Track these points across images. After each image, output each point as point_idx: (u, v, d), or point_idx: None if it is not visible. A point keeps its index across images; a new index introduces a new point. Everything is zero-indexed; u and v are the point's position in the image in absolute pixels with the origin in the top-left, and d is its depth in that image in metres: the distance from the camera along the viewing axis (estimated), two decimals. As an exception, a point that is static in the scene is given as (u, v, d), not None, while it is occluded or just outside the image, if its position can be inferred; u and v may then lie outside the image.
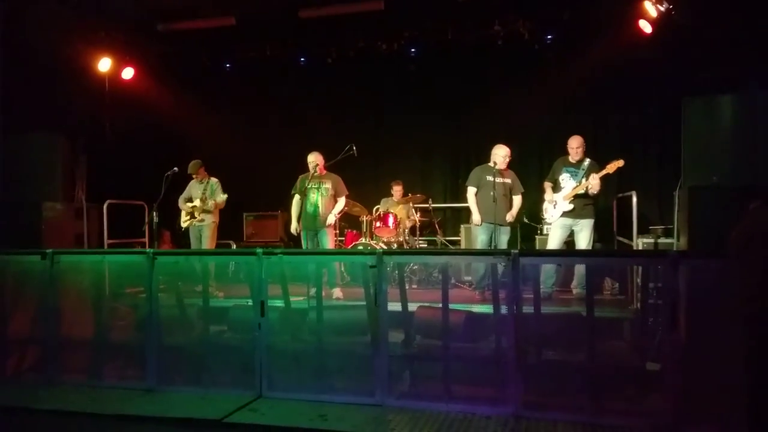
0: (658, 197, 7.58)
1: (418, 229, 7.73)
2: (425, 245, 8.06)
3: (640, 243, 6.11)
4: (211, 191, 6.90)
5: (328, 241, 6.53)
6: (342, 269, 6.95)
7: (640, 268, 4.75)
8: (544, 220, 6.82)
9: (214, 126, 8.96)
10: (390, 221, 7.29)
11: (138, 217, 7.71)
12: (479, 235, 6.34)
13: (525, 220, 7.52)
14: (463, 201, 6.62)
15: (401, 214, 7.49)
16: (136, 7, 7.52)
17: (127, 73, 8.46)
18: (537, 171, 7.93)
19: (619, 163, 5.91)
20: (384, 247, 7.01)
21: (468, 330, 4.63)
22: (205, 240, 6.90)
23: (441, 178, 8.96)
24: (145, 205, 7.71)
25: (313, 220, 6.41)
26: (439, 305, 4.42)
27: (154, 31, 8.14)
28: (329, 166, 6.60)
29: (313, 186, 6.46)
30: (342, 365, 4.42)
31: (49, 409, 4.36)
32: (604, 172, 5.93)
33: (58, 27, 7.38)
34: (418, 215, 7.71)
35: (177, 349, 4.77)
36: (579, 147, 6.14)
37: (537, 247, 7.25)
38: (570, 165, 6.19)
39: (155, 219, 6.51)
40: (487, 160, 6.39)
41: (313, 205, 6.43)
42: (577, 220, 6.08)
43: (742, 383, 3.23)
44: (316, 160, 6.48)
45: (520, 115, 8.11)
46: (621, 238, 6.75)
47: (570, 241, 6.25)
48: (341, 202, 6.63)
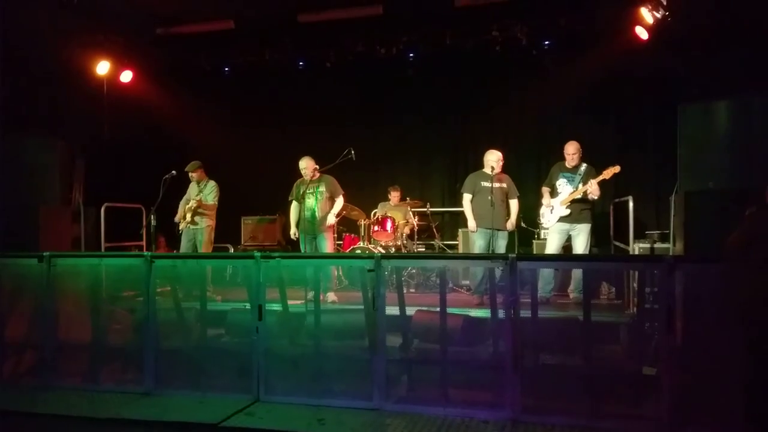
0: (654, 202, 7.62)
1: (416, 233, 7.75)
2: (423, 249, 8.07)
3: (637, 248, 6.13)
4: (204, 193, 6.84)
5: (327, 245, 6.52)
6: (340, 273, 6.95)
7: (637, 273, 4.77)
8: (541, 225, 6.85)
9: (213, 130, 8.96)
10: (388, 225, 7.30)
11: (135, 221, 7.71)
12: (476, 241, 6.35)
13: (522, 224, 7.55)
14: (460, 205, 6.63)
15: (399, 218, 7.50)
16: (136, 10, 7.53)
17: (126, 76, 8.46)
18: (534, 176, 7.96)
19: (616, 168, 5.94)
20: (382, 251, 7.02)
21: (466, 334, 4.64)
22: (200, 244, 6.81)
23: (439, 182, 8.99)
24: (143, 209, 7.71)
25: (310, 225, 6.41)
26: (437, 309, 4.42)
27: (153, 34, 8.17)
28: (327, 170, 6.61)
29: (309, 191, 6.47)
30: (340, 369, 4.42)
31: (46, 413, 4.34)
32: (601, 178, 5.96)
33: (57, 30, 7.39)
34: (416, 219, 7.72)
35: (174, 352, 4.76)
36: (575, 153, 6.17)
37: (534, 252, 7.27)
38: (567, 170, 6.22)
39: (153, 222, 6.51)
40: (483, 165, 6.41)
41: (310, 210, 6.43)
42: (574, 225, 6.10)
43: (738, 387, 3.24)
44: (307, 165, 6.47)
45: (517, 120, 8.15)
46: (617, 243, 6.77)
47: (567, 245, 6.27)
48: (339, 202, 6.62)
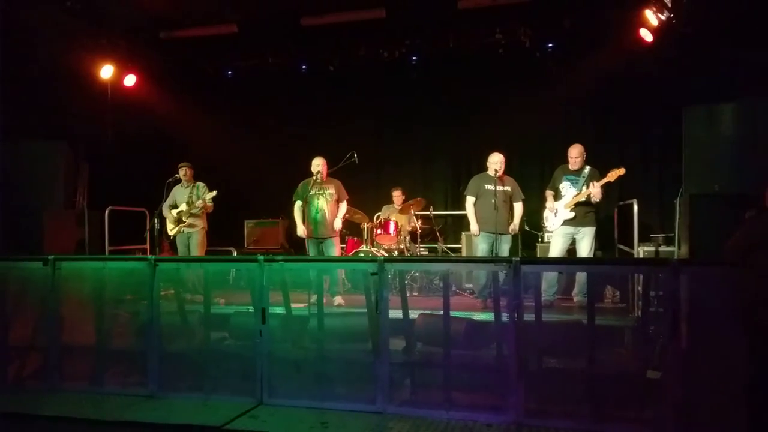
0: (659, 205, 7.60)
1: (419, 236, 7.74)
2: (426, 253, 8.06)
3: (641, 251, 6.11)
4: (198, 194, 6.81)
5: (335, 250, 6.52)
6: (343, 276, 6.95)
7: (641, 276, 4.74)
8: (545, 228, 6.83)
9: (216, 133, 8.99)
10: (391, 228, 7.30)
11: (139, 224, 7.72)
12: (480, 245, 6.34)
13: (526, 228, 7.53)
14: (464, 208, 6.63)
15: (402, 221, 7.49)
16: (139, 14, 7.57)
17: (129, 80, 8.50)
18: (538, 179, 7.95)
19: (620, 171, 5.91)
20: (385, 254, 7.01)
21: (469, 338, 4.62)
22: (194, 247, 6.79)
23: (442, 185, 8.99)
24: (147, 212, 7.73)
25: (318, 227, 6.39)
26: (440, 313, 4.41)
27: (156, 38, 8.20)
28: (330, 173, 6.62)
29: (317, 192, 6.46)
30: (343, 372, 4.41)
31: (50, 416, 4.35)
32: (605, 180, 5.94)
33: (61, 34, 7.43)
34: (419, 222, 7.72)
35: (178, 355, 4.76)
36: (578, 156, 6.15)
37: (538, 255, 7.25)
38: (570, 173, 6.21)
39: (156, 226, 6.52)
40: (487, 167, 6.40)
41: (319, 211, 6.41)
42: (578, 228, 6.08)
43: (742, 391, 3.23)
44: (321, 165, 6.48)
45: (520, 122, 8.14)
46: (622, 246, 6.75)
47: (571, 249, 6.25)
48: (343, 206, 6.63)
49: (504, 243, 6.25)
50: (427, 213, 7.88)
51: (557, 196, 6.24)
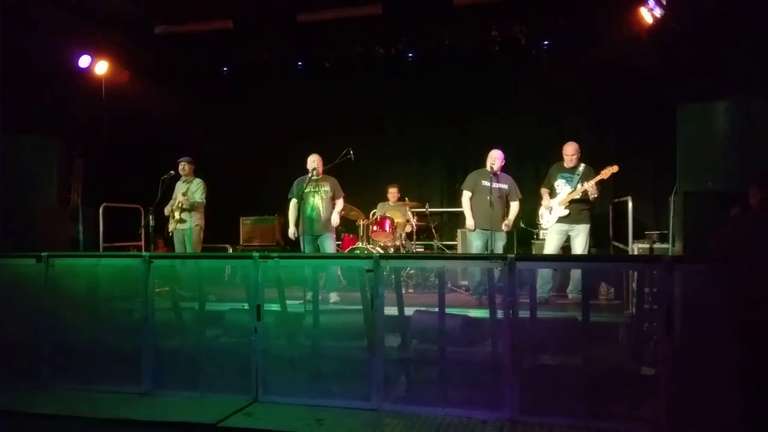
0: (653, 203, 7.61)
1: (414, 233, 7.74)
2: (422, 250, 8.07)
3: (636, 248, 6.12)
4: (192, 192, 6.78)
5: (330, 245, 6.50)
6: (339, 273, 6.94)
7: (636, 273, 4.77)
8: (540, 225, 6.84)
9: (211, 129, 8.96)
10: (387, 225, 7.29)
11: (134, 221, 7.70)
12: (474, 241, 6.34)
13: (522, 225, 7.54)
14: (459, 205, 6.63)
15: (398, 218, 7.49)
16: (134, 10, 7.53)
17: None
18: (533, 176, 7.96)
19: (614, 168, 5.93)
20: (381, 251, 7.01)
21: (464, 334, 4.63)
22: (189, 245, 6.76)
23: (438, 182, 8.98)
24: (142, 209, 7.70)
25: (314, 224, 6.38)
26: (436, 309, 4.42)
27: (151, 34, 8.16)
28: (326, 170, 6.60)
29: (312, 189, 6.44)
30: (338, 369, 4.42)
31: (44, 414, 4.34)
32: (599, 178, 5.96)
33: (55, 30, 7.39)
34: (414, 219, 7.72)
35: (173, 353, 4.75)
36: (573, 154, 6.16)
37: (533, 252, 7.26)
38: (565, 170, 6.22)
39: (151, 223, 6.49)
40: (483, 164, 6.40)
41: (313, 209, 6.40)
42: (573, 226, 6.10)
43: (736, 388, 3.24)
44: (316, 162, 6.46)
45: (516, 119, 8.14)
46: (617, 243, 6.77)
47: (566, 246, 6.27)
48: (340, 203, 6.62)
49: (499, 240, 6.26)
50: (423, 210, 7.88)
51: (552, 194, 6.25)
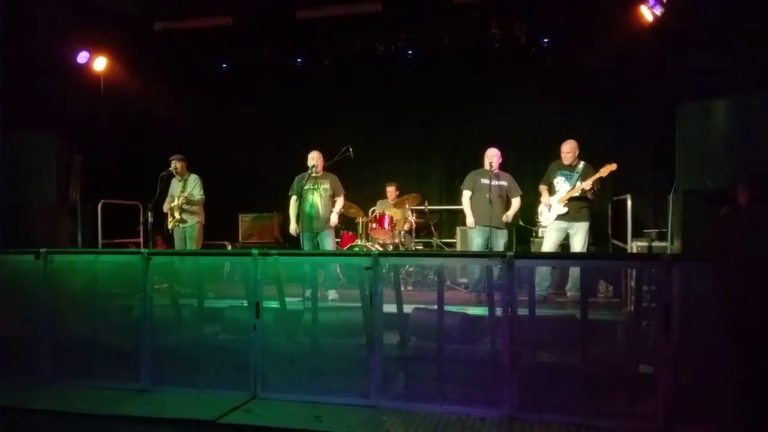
0: (652, 201, 7.61)
1: (414, 230, 7.74)
2: (421, 247, 8.07)
3: (635, 246, 6.13)
4: (189, 189, 6.75)
5: (329, 243, 6.50)
6: (338, 271, 6.95)
7: (634, 271, 4.77)
8: (539, 223, 6.85)
9: (210, 126, 8.95)
10: (386, 222, 7.29)
11: (133, 217, 7.69)
12: (474, 239, 6.35)
13: (521, 222, 7.55)
14: (459, 203, 6.63)
15: (397, 215, 7.49)
16: (133, 6, 7.51)
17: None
18: (532, 174, 7.93)
19: (612, 166, 5.93)
20: (380, 248, 7.01)
21: (463, 332, 4.64)
22: (190, 242, 6.74)
23: (437, 180, 8.97)
24: (140, 205, 7.69)
25: (313, 222, 6.37)
26: (435, 307, 4.42)
27: (151, 30, 8.14)
28: (325, 167, 6.60)
29: (311, 187, 6.43)
30: (337, 366, 4.42)
31: (42, 410, 4.34)
32: (597, 176, 5.95)
33: (54, 26, 7.37)
34: (414, 217, 7.72)
35: (171, 349, 4.76)
36: (570, 152, 6.16)
37: (532, 250, 7.27)
38: (564, 168, 6.22)
39: (150, 219, 6.48)
40: (482, 162, 6.40)
41: (312, 206, 6.40)
42: (572, 223, 6.10)
43: (732, 386, 3.25)
44: (316, 159, 6.45)
45: (515, 117, 8.13)
46: (615, 241, 6.78)
47: (565, 243, 6.27)
48: (340, 201, 6.62)
49: (499, 238, 6.26)
50: (422, 208, 7.88)
51: (551, 191, 6.25)
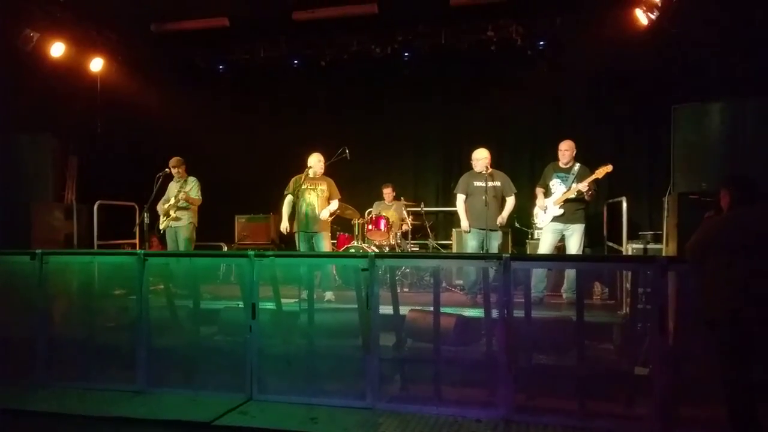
0: (647, 203, 7.65)
1: (410, 232, 7.75)
2: (417, 249, 8.08)
3: (630, 248, 6.16)
4: (188, 190, 6.74)
5: (325, 244, 6.50)
6: (334, 272, 6.95)
7: (630, 274, 4.78)
8: (535, 224, 6.86)
9: (206, 127, 8.93)
10: (382, 224, 7.29)
11: (129, 218, 7.67)
12: (469, 241, 6.36)
13: (516, 224, 7.56)
14: (455, 205, 6.64)
15: (393, 217, 7.50)
16: (130, 7, 7.50)
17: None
18: (528, 176, 7.98)
19: (608, 168, 5.95)
20: (376, 250, 7.02)
21: (459, 333, 4.65)
22: (181, 242, 6.72)
23: (433, 181, 8.99)
24: (136, 206, 7.67)
25: (309, 222, 6.37)
26: (431, 308, 4.43)
27: (147, 31, 8.12)
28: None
29: (309, 187, 6.43)
30: (333, 368, 4.42)
31: (38, 411, 4.32)
32: (593, 177, 5.98)
33: (50, 26, 7.35)
34: (410, 219, 7.73)
35: (167, 351, 4.75)
36: (567, 149, 6.17)
37: (528, 252, 7.28)
38: (560, 170, 6.24)
39: (146, 220, 6.47)
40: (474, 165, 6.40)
41: (309, 206, 6.40)
42: (567, 225, 6.12)
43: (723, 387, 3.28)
44: (320, 161, 6.46)
45: (511, 119, 8.16)
46: (611, 244, 6.80)
47: (561, 245, 6.29)
48: (335, 204, 6.62)
49: (494, 240, 6.27)
50: (418, 209, 7.89)
51: (547, 193, 6.27)
